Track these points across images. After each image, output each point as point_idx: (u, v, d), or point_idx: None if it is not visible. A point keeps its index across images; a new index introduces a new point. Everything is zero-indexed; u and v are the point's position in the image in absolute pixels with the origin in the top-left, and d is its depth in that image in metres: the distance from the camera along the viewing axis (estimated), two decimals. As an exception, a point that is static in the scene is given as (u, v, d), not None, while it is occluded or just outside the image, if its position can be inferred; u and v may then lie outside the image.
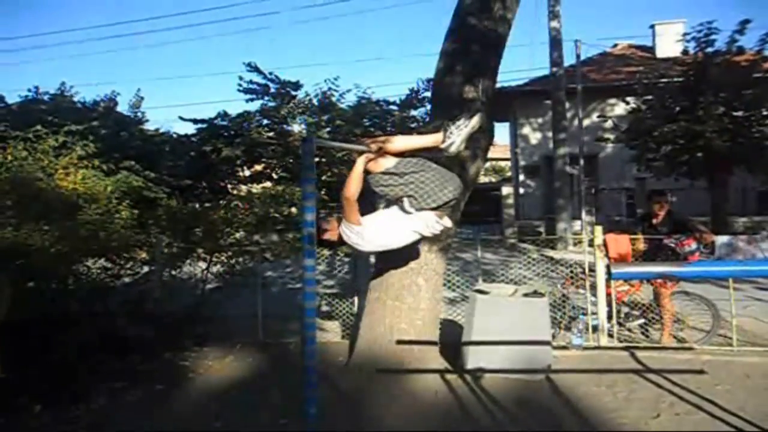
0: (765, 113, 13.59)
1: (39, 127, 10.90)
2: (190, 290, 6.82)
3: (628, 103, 15.87)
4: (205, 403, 4.45)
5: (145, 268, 6.87)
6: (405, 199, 3.58)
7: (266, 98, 18.36)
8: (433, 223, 3.66)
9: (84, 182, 6.82)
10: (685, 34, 15.11)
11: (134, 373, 5.03)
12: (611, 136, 16.79)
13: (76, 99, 17.27)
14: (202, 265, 7.03)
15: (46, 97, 17.07)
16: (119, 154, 13.94)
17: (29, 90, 17.10)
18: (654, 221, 6.05)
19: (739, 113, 13.42)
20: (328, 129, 17.43)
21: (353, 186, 3.49)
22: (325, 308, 6.88)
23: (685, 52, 14.65)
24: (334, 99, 18.43)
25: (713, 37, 13.79)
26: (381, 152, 3.47)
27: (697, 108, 13.35)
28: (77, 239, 5.60)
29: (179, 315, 6.20)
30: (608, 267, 5.27)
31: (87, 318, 5.26)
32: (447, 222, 3.77)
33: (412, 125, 18.34)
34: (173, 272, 6.86)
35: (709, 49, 13.90)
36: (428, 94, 17.39)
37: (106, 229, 6.19)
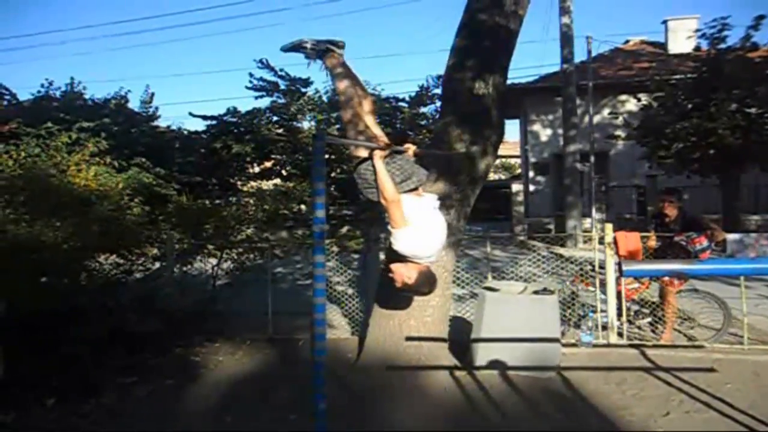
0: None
1: (50, 123, 10.99)
2: (201, 286, 6.87)
3: (639, 99, 15.75)
4: (215, 398, 4.48)
5: (156, 264, 6.92)
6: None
7: (276, 95, 18.40)
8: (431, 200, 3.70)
9: (96, 178, 6.86)
10: (697, 30, 14.97)
11: (145, 368, 5.07)
12: (622, 134, 16.68)
13: (86, 96, 17.40)
14: (213, 261, 7.07)
15: (57, 94, 17.20)
16: (130, 150, 14.05)
17: (42, 85, 17.26)
18: (666, 219, 6.02)
19: (753, 110, 13.28)
20: (337, 126, 17.46)
21: (389, 187, 3.39)
22: (334, 305, 6.90)
23: (697, 48, 14.52)
24: (344, 96, 18.39)
25: (726, 33, 13.67)
26: (389, 146, 3.45)
27: (710, 105, 13.23)
28: (89, 235, 5.64)
29: (190, 311, 6.24)
30: (620, 264, 5.25)
31: (99, 313, 5.31)
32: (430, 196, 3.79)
33: (422, 122, 18.35)
34: (184, 268, 6.91)
35: (722, 46, 13.76)
36: (438, 91, 17.39)
37: (118, 225, 6.24)
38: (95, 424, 4.01)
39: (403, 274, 3.54)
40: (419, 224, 3.47)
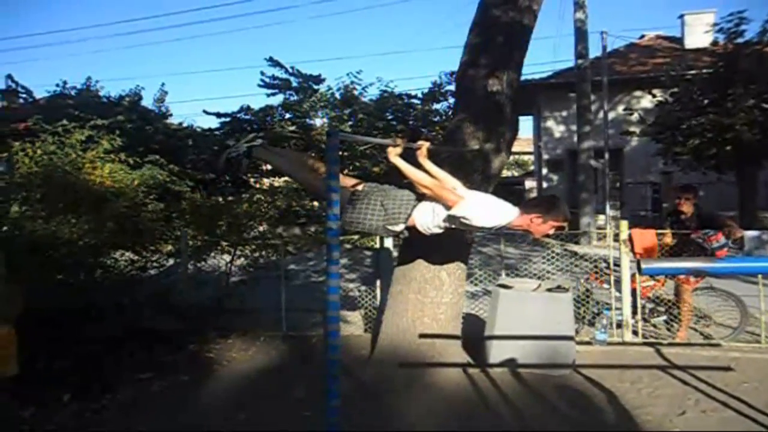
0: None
1: (65, 121, 11.07)
2: (215, 283, 6.91)
3: (654, 95, 15.59)
4: (229, 394, 4.51)
5: (171, 261, 6.97)
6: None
7: (288, 92, 18.47)
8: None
9: (111, 176, 6.92)
10: (714, 25, 14.78)
11: (160, 365, 5.10)
12: (637, 130, 16.52)
13: (101, 94, 17.56)
14: (226, 257, 7.11)
15: (72, 92, 17.37)
16: (144, 147, 14.13)
17: (57, 85, 17.45)
18: (681, 216, 5.96)
19: (771, 105, 13.08)
20: (350, 122, 17.46)
21: (421, 175, 3.25)
22: (347, 302, 6.91)
23: (714, 43, 14.33)
24: (356, 93, 18.44)
25: (743, 27, 13.47)
26: (402, 143, 3.42)
27: (727, 100, 13.05)
28: (105, 232, 5.70)
29: (204, 307, 6.28)
30: (638, 262, 5.20)
31: (114, 310, 5.35)
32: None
33: (435, 119, 18.31)
34: (198, 265, 6.95)
35: (740, 40, 13.58)
36: (451, 87, 17.34)
37: (133, 222, 6.29)
38: (111, 420, 4.05)
39: (540, 226, 3.29)
40: (468, 194, 3.35)
